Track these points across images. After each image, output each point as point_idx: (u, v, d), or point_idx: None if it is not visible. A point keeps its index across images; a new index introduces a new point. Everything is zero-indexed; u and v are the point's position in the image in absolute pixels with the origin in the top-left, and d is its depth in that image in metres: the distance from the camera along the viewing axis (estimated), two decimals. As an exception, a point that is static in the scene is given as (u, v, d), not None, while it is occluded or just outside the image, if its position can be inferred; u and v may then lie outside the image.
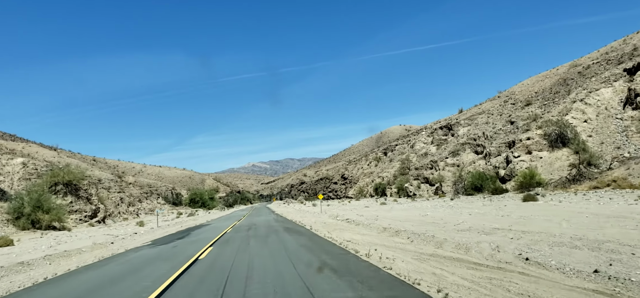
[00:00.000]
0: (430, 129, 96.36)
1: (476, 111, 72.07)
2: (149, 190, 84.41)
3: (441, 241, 13.02)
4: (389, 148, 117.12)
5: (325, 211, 40.86)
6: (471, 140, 56.53)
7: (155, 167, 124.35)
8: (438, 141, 77.74)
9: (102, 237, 23.34)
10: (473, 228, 15.44)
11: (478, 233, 14.21)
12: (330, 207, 50.96)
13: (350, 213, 32.20)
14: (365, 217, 25.84)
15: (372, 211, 33.97)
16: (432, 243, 13.20)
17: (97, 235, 25.53)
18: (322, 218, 29.71)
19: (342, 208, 47.85)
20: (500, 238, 12.82)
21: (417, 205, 36.15)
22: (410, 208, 34.06)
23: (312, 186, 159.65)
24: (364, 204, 51.69)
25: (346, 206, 50.66)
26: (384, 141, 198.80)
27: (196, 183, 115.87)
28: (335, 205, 60.52)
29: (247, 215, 45.84)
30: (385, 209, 36.06)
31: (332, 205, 60.17)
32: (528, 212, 20.00)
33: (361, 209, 39.76)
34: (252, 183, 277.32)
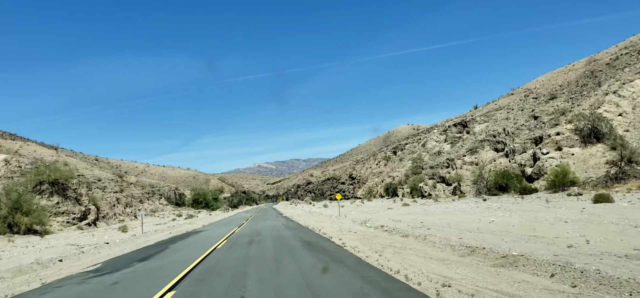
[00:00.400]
0: (443, 127, 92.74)
1: (493, 107, 68.45)
2: (151, 190, 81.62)
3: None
4: (399, 147, 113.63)
5: (344, 214, 34.08)
6: (490, 137, 53.01)
7: (159, 167, 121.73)
8: (452, 139, 74.22)
9: (68, 248, 19.36)
10: (614, 251, 9.48)
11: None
12: (345, 209, 47.08)
13: (378, 217, 25.88)
14: (405, 223, 19.70)
15: (403, 214, 27.32)
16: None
17: (74, 241, 22.31)
18: (344, 223, 23.39)
19: (360, 210, 41.88)
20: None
21: (457, 207, 30.78)
22: (451, 210, 27.25)
23: (319, 187, 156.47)
24: (384, 205, 46.46)
25: (364, 208, 44.93)
26: (392, 140, 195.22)
27: (200, 184, 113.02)
28: (347, 205, 57.12)
29: (251, 217, 41.57)
30: (419, 212, 28.55)
31: (344, 205, 56.82)
32: (633, 217, 14.75)
33: (383, 211, 34.61)
34: (258, 184, 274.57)
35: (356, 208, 47.55)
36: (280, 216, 39.56)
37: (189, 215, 49.12)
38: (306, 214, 41.11)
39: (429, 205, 37.17)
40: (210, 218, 43.71)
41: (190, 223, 34.58)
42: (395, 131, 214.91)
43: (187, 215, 49.42)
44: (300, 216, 36.83)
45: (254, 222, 31.67)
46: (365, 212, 34.39)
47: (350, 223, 23.37)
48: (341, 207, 48.72)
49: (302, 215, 39.73)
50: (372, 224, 21.15)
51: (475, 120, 68.77)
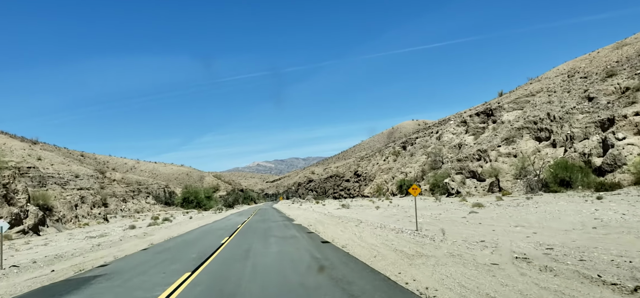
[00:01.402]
0: (460, 117, 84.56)
1: (522, 92, 60.33)
2: (137, 188, 73.37)
3: None
4: (408, 142, 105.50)
5: (371, 219, 23.03)
6: (529, 124, 44.87)
7: (150, 163, 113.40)
8: (475, 130, 66.12)
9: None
10: None
11: None
12: (362, 209, 37.48)
13: (455, 229, 15.22)
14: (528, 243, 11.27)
15: (474, 221, 17.19)
16: None
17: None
18: (433, 248, 11.59)
19: (388, 212, 28.78)
20: None
21: (550, 210, 20.02)
22: (549, 216, 17.84)
23: (321, 185, 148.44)
24: (419, 205, 33.51)
25: (392, 211, 30.76)
26: (397, 136, 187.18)
27: (194, 181, 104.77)
28: (358, 207, 48.76)
29: (246, 222, 30.15)
30: (485, 218, 18.07)
31: (354, 206, 48.07)
32: None
33: (440, 212, 23.86)
34: (257, 182, 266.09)
35: (376, 211, 33.90)
36: (286, 221, 28.45)
37: (165, 219, 36.28)
38: (324, 217, 29.08)
39: (466, 204, 28.30)
40: (187, 225, 29.76)
41: (151, 234, 23.84)
42: (399, 126, 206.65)
43: (163, 219, 36.17)
44: (319, 224, 23.33)
45: (243, 237, 18.49)
46: (406, 216, 23.97)
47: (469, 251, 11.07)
48: (360, 207, 40.27)
49: (317, 220, 26.86)
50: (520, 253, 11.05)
51: (503, 108, 60.62)
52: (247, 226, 27.20)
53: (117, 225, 33.71)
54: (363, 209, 39.04)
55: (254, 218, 37.61)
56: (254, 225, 27.61)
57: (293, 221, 28.41)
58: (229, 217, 43.74)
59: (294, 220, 30.37)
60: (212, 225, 29.72)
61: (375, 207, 39.71)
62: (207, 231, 24.17)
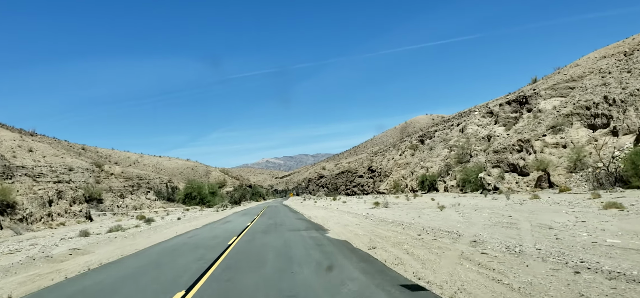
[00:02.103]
0: (486, 108, 78.24)
1: (561, 78, 53.94)
2: (136, 182, 68.30)
3: None
4: (426, 135, 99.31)
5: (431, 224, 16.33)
6: (581, 110, 38.67)
7: (154, 157, 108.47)
8: (505, 120, 59.89)
9: None
10: None
11: None
12: (406, 209, 27.20)
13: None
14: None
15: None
16: None
17: None
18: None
19: (455, 216, 19.09)
20: None
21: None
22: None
23: (332, 181, 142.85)
24: (470, 203, 26.75)
25: (452, 214, 20.54)
26: (411, 130, 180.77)
27: (200, 176, 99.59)
28: (397, 206, 41.75)
29: (248, 228, 21.33)
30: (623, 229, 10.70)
31: (394, 206, 39.54)
32: None
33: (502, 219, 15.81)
34: (266, 178, 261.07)
35: (415, 211, 24.63)
36: (323, 240, 14.80)
37: (147, 220, 28.47)
38: (405, 238, 13.66)
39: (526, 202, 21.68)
40: (152, 235, 19.95)
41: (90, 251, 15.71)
42: (413, 121, 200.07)
43: (147, 219, 28.88)
44: (400, 247, 11.66)
45: (231, 262, 11.02)
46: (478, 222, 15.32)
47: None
48: (399, 206, 32.07)
49: (389, 237, 13.83)
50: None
51: (539, 94, 54.32)
52: (246, 239, 16.56)
53: (99, 225, 28.28)
54: (406, 209, 27.72)
55: (261, 221, 26.64)
56: (258, 238, 15.94)
57: (306, 218, 21.14)
58: (229, 218, 33.50)
59: (324, 227, 19.61)
60: (195, 235, 19.45)
61: (438, 208, 26.17)
62: (171, 251, 14.01)
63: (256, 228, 21.42)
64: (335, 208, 39.95)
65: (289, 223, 23.82)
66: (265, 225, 23.17)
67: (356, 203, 48.33)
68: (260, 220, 28.46)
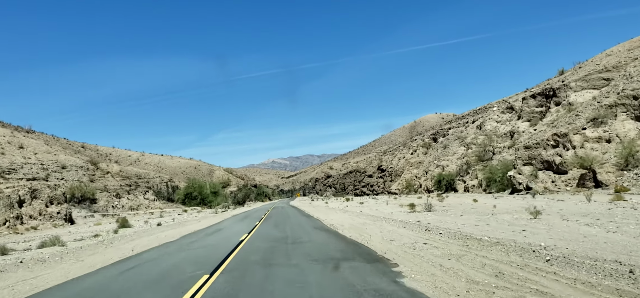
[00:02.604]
0: (505, 103, 73.81)
1: (593, 68, 49.42)
2: (135, 181, 64.60)
3: None
4: (439, 133, 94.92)
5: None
6: (627, 100, 34.27)
7: (155, 156, 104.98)
8: (529, 114, 55.41)
9: None
10: None
11: None
12: (442, 215, 20.65)
13: None
14: None
15: None
16: None
17: None
18: None
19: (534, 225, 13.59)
20: None
21: None
22: None
23: (340, 181, 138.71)
24: (515, 206, 22.41)
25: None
26: (420, 129, 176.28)
27: (203, 175, 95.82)
28: (445, 212, 37.93)
29: (243, 243, 14.95)
30: None
31: (441, 210, 35.90)
32: None
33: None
34: (272, 178, 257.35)
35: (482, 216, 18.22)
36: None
37: (121, 225, 23.75)
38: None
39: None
40: (109, 251, 14.72)
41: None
42: (422, 120, 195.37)
43: (120, 224, 23.84)
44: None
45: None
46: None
47: None
48: (439, 210, 25.33)
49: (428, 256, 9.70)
50: None
51: (569, 86, 49.82)
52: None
53: (77, 229, 24.38)
54: (459, 213, 20.91)
55: (264, 232, 19.40)
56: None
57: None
58: (223, 225, 25.78)
59: (373, 249, 11.91)
60: (160, 252, 13.77)
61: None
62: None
63: (253, 248, 13.47)
64: (357, 211, 32.10)
65: (305, 237, 16.23)
66: (268, 241, 15.32)
67: (375, 204, 42.84)
68: (263, 229, 20.58)
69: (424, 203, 28.44)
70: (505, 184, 41.71)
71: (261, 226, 22.66)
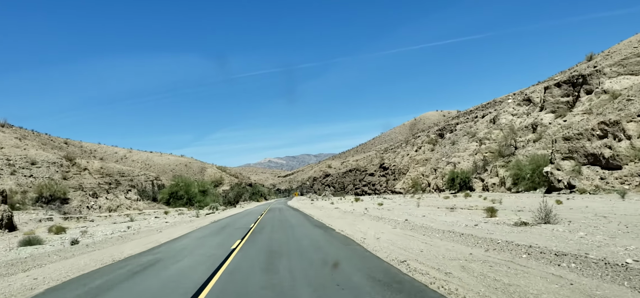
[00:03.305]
0: (522, 95, 68.33)
1: (631, 51, 43.99)
2: (116, 179, 58.63)
3: None
4: (446, 128, 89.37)
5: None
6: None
7: (143, 153, 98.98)
8: (554, 105, 49.86)
9: None
10: None
11: None
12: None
13: None
14: None
15: None
16: None
17: None
18: None
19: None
20: None
21: None
22: None
23: (339, 180, 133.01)
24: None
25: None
26: (420, 127, 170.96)
27: (194, 173, 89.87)
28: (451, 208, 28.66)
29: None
30: None
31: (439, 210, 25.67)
32: None
33: None
34: (268, 177, 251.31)
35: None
36: None
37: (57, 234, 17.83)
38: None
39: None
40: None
41: None
42: (423, 117, 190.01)
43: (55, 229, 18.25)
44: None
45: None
46: None
47: None
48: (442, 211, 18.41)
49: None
50: None
51: (603, 72, 44.33)
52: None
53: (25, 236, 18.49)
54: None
55: (246, 262, 10.26)
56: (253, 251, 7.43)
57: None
58: (181, 245, 15.16)
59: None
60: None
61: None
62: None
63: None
64: (375, 215, 23.89)
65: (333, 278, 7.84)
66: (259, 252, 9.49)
67: (401, 205, 34.86)
68: (245, 262, 10.38)
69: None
70: (537, 182, 36.13)
71: (244, 253, 11.82)
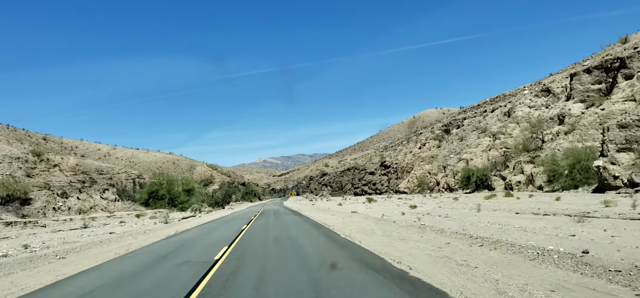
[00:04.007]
0: (539, 86, 63.01)
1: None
2: (90, 177, 52.56)
3: None
4: (453, 124, 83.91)
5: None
6: None
7: (128, 149, 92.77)
8: (583, 94, 44.41)
9: None
10: None
11: None
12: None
13: None
14: None
15: None
16: None
17: None
18: None
19: None
20: None
21: None
22: None
23: (336, 179, 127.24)
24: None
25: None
26: (419, 125, 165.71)
27: (183, 171, 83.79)
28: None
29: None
30: None
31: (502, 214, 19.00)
32: None
33: None
34: (262, 176, 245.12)
35: None
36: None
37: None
38: None
39: None
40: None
41: None
42: (422, 115, 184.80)
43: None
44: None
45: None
46: None
47: None
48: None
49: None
50: None
51: (643, 55, 38.88)
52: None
53: None
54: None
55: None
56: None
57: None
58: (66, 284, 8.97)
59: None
60: None
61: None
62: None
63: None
64: (415, 222, 17.87)
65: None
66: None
67: (424, 208, 29.78)
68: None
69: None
70: (578, 179, 30.58)
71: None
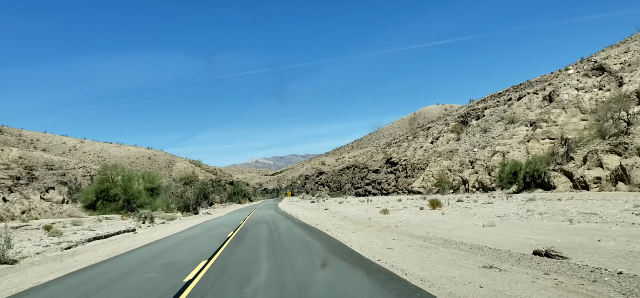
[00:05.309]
0: (590, 63, 52.96)
1: None
2: (34, 174, 41.39)
3: None
4: (471, 115, 73.66)
5: None
6: None
7: (98, 143, 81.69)
8: (670, 65, 34.30)
9: None
10: None
11: None
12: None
13: None
14: None
15: None
16: None
17: None
18: None
19: None
20: None
21: None
22: None
23: (335, 178, 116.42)
24: None
25: None
26: (420, 121, 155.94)
27: (160, 168, 72.79)
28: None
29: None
30: None
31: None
32: None
33: None
34: (254, 176, 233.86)
35: None
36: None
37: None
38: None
39: None
40: None
41: None
42: (423, 111, 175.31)
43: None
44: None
45: None
46: None
47: None
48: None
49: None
50: None
51: None
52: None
53: None
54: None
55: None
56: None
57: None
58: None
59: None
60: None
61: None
62: None
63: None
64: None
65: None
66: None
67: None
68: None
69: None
70: None
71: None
